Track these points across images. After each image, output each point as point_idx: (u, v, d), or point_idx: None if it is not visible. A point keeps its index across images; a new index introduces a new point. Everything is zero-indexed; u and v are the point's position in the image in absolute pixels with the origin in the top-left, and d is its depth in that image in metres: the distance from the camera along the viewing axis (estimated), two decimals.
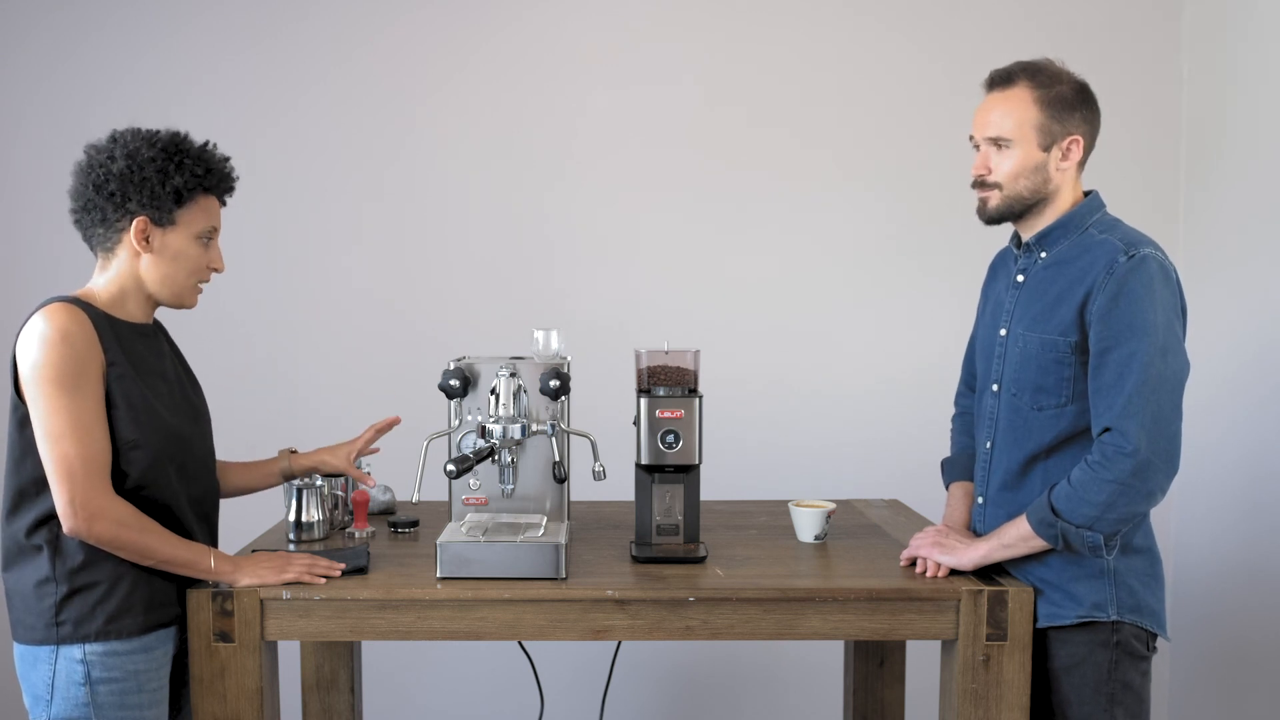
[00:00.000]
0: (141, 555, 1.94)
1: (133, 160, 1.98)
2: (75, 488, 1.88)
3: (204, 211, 2.04)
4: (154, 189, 1.98)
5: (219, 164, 2.06)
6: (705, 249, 3.52)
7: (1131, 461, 1.91)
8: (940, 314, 3.49)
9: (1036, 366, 2.06)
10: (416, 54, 3.48)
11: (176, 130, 2.07)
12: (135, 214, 1.98)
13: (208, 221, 2.05)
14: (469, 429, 2.32)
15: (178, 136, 2.04)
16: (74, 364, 1.89)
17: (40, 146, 3.46)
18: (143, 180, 1.97)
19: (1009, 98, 2.06)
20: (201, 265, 2.06)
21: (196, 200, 2.02)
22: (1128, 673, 2.04)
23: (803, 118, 3.50)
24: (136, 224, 1.98)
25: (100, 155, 2.01)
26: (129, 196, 1.98)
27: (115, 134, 2.04)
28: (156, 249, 2.01)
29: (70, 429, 1.88)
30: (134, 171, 1.97)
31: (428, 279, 3.52)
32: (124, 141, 2.01)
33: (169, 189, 1.98)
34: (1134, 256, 1.97)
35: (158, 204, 1.98)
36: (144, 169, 1.98)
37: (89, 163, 2.01)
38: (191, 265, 2.04)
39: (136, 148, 1.99)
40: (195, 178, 2.01)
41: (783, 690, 3.59)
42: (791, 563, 2.24)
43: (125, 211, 1.98)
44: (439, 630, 2.05)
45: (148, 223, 1.99)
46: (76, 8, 3.46)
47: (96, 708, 1.93)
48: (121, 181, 1.97)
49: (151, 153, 1.99)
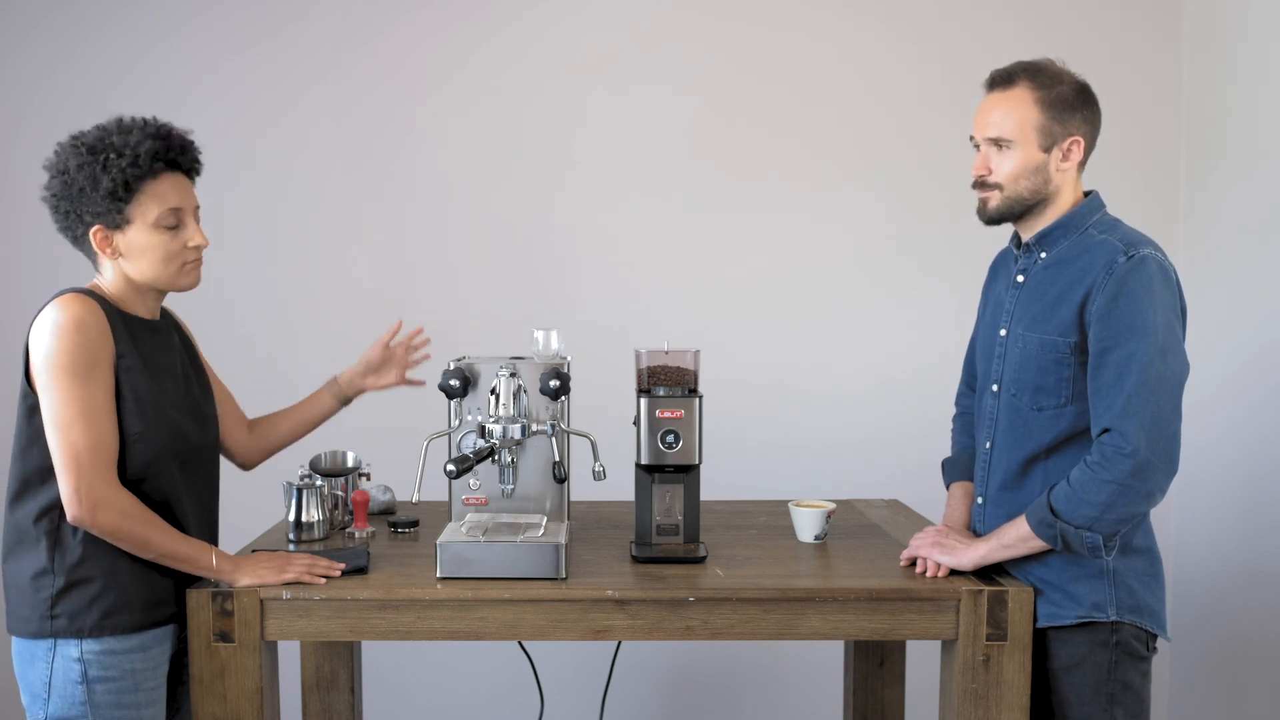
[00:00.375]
0: (142, 547, 1.94)
1: (65, 174, 1.95)
2: (81, 476, 1.88)
3: (154, 197, 1.96)
4: (91, 198, 1.94)
5: (147, 145, 1.96)
6: (705, 249, 3.52)
7: (1131, 462, 1.91)
8: (940, 314, 3.49)
9: (1036, 367, 2.06)
10: (417, 54, 3.48)
11: (111, 120, 1.99)
12: (90, 224, 1.96)
13: (161, 205, 1.97)
14: (469, 429, 2.32)
15: (104, 131, 1.97)
16: (87, 353, 1.89)
17: (40, 146, 3.44)
18: (79, 192, 1.94)
19: (1010, 98, 2.05)
20: (175, 249, 2.00)
21: (140, 190, 1.95)
22: (1127, 673, 2.04)
23: (802, 118, 3.50)
24: (94, 235, 1.96)
25: (48, 175, 1.99)
26: (78, 210, 1.95)
27: (56, 147, 2.00)
28: (124, 250, 1.98)
29: (79, 417, 1.88)
30: (68, 186, 1.95)
31: (428, 279, 3.52)
32: (59, 156, 1.98)
33: (102, 192, 1.93)
34: (1133, 257, 1.97)
35: (102, 210, 1.95)
36: (75, 180, 1.94)
37: (45, 184, 2.00)
38: (163, 254, 1.99)
39: (65, 161, 1.96)
40: (123, 171, 1.93)
41: (783, 690, 3.59)
42: (791, 563, 2.24)
43: (82, 224, 1.96)
44: (439, 630, 2.05)
45: (104, 229, 1.96)
46: (76, 7, 3.46)
47: (93, 707, 1.93)
48: (64, 199, 1.96)
49: (78, 160, 1.94)
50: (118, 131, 1.97)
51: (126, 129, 1.98)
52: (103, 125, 1.99)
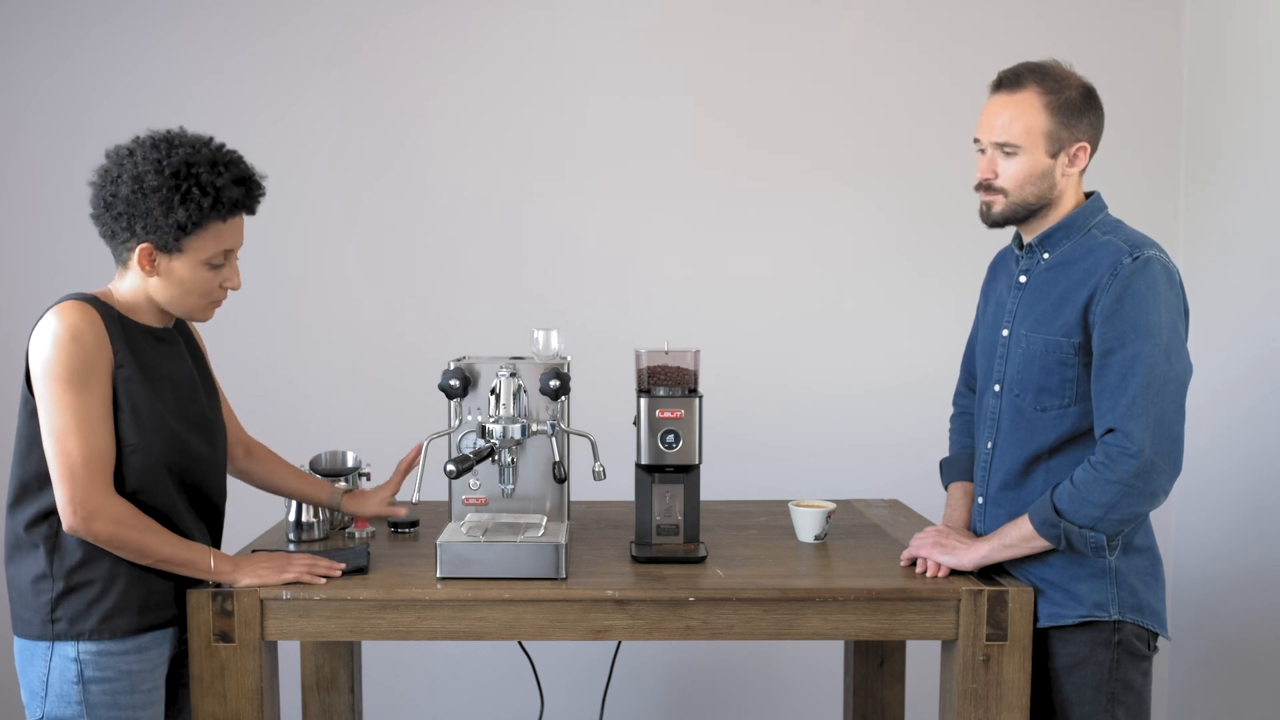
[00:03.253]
0: (140, 554, 1.94)
1: (139, 186, 1.91)
2: (76, 485, 1.88)
3: (214, 237, 1.96)
4: (157, 220, 1.92)
5: (232, 190, 1.95)
6: (706, 249, 3.52)
7: (1135, 462, 1.91)
8: (940, 314, 3.48)
9: (1040, 367, 2.06)
10: (417, 55, 3.48)
11: (198, 143, 1.96)
12: (140, 239, 1.94)
13: (218, 246, 1.97)
14: (469, 429, 2.32)
15: (193, 156, 1.94)
16: (82, 362, 1.89)
17: (40, 146, 3.46)
18: (146, 210, 1.91)
19: (1017, 102, 2.03)
20: (211, 288, 2.01)
21: (205, 228, 1.95)
22: (1129, 672, 2.04)
23: (803, 119, 3.50)
24: (141, 250, 1.95)
25: (113, 171, 1.95)
26: (134, 221, 1.93)
27: (134, 145, 1.96)
28: (163, 273, 1.97)
29: (75, 427, 1.88)
30: (138, 199, 1.91)
31: (428, 279, 3.52)
32: (137, 159, 1.93)
33: (172, 222, 1.92)
34: (1138, 258, 1.97)
35: (161, 233, 1.93)
36: (148, 198, 1.91)
37: (102, 176, 1.96)
38: (199, 289, 2.00)
39: (144, 172, 1.91)
40: (201, 211, 1.92)
41: (783, 690, 3.59)
42: (791, 563, 2.23)
43: (131, 234, 1.94)
44: (439, 630, 2.05)
45: (153, 249, 1.95)
46: (77, 7, 3.45)
47: (89, 707, 1.93)
48: (126, 206, 1.92)
49: (158, 180, 1.91)
50: (206, 165, 1.93)
51: (214, 163, 1.94)
52: (189, 145, 1.95)
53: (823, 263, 3.53)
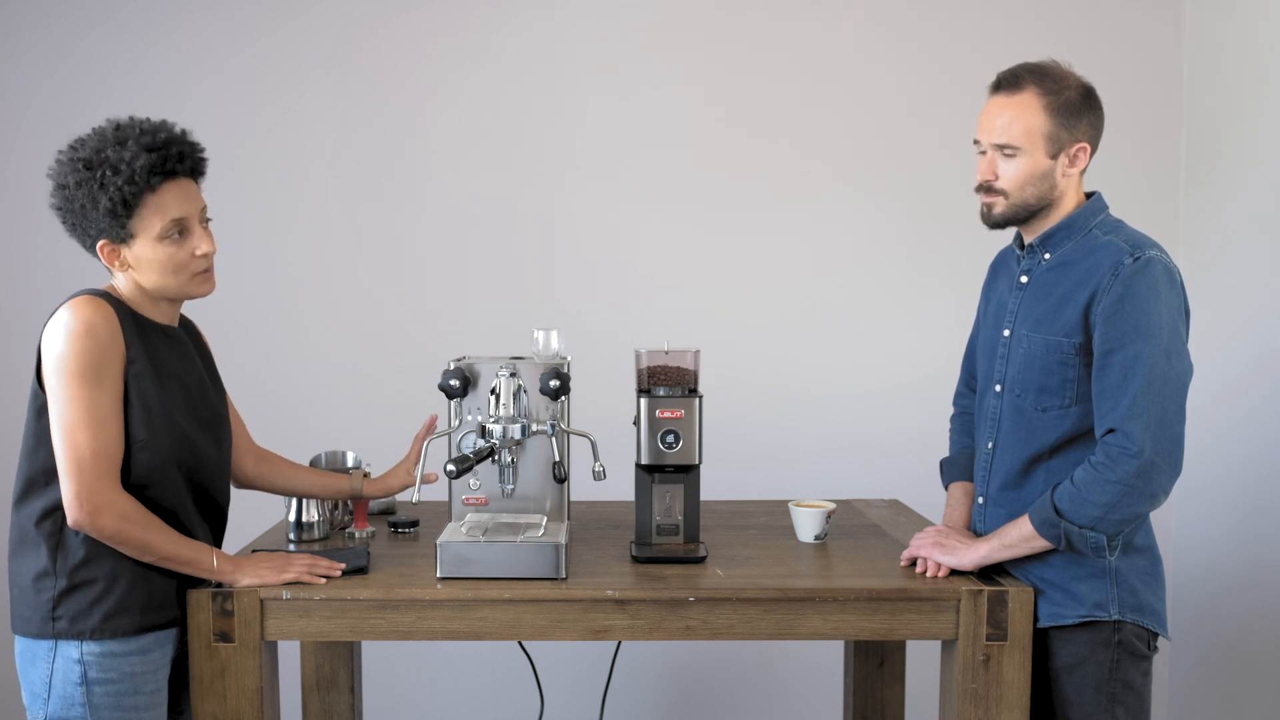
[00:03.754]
0: (143, 551, 1.93)
1: (65, 190, 1.92)
2: (83, 479, 1.88)
3: (156, 211, 1.93)
4: (92, 215, 1.91)
5: (146, 160, 1.90)
6: (706, 249, 3.52)
7: (1136, 462, 1.91)
8: (940, 315, 3.48)
9: (1041, 367, 2.06)
10: (417, 55, 3.48)
11: (106, 129, 1.94)
12: (96, 239, 1.94)
13: (163, 218, 1.93)
14: (469, 429, 2.32)
15: (100, 144, 1.91)
16: (96, 357, 1.89)
17: (40, 146, 3.44)
18: (81, 209, 1.91)
19: (1016, 103, 2.03)
20: (182, 259, 1.97)
21: (141, 204, 1.92)
22: (1129, 672, 2.04)
23: (803, 120, 3.50)
24: (100, 249, 1.95)
25: (52, 188, 1.96)
26: (82, 225, 1.93)
27: (57, 156, 1.96)
28: (132, 263, 1.97)
29: (85, 421, 1.88)
30: (70, 202, 1.92)
31: (428, 279, 3.52)
32: (60, 169, 1.94)
33: (103, 211, 1.90)
34: (1139, 259, 1.97)
35: (104, 226, 1.92)
36: (76, 197, 1.91)
37: (52, 197, 1.97)
38: (170, 264, 1.96)
39: (65, 176, 1.92)
40: (120, 190, 1.90)
41: (783, 690, 3.59)
42: (791, 563, 2.23)
43: (89, 238, 1.95)
44: (439, 630, 2.05)
45: (110, 244, 1.95)
46: (76, 7, 3.45)
47: (92, 709, 1.93)
48: (66, 214, 1.94)
49: (77, 177, 1.90)
50: (113, 144, 1.91)
51: (121, 140, 1.92)
52: (100, 134, 1.95)
53: (823, 263, 3.53)
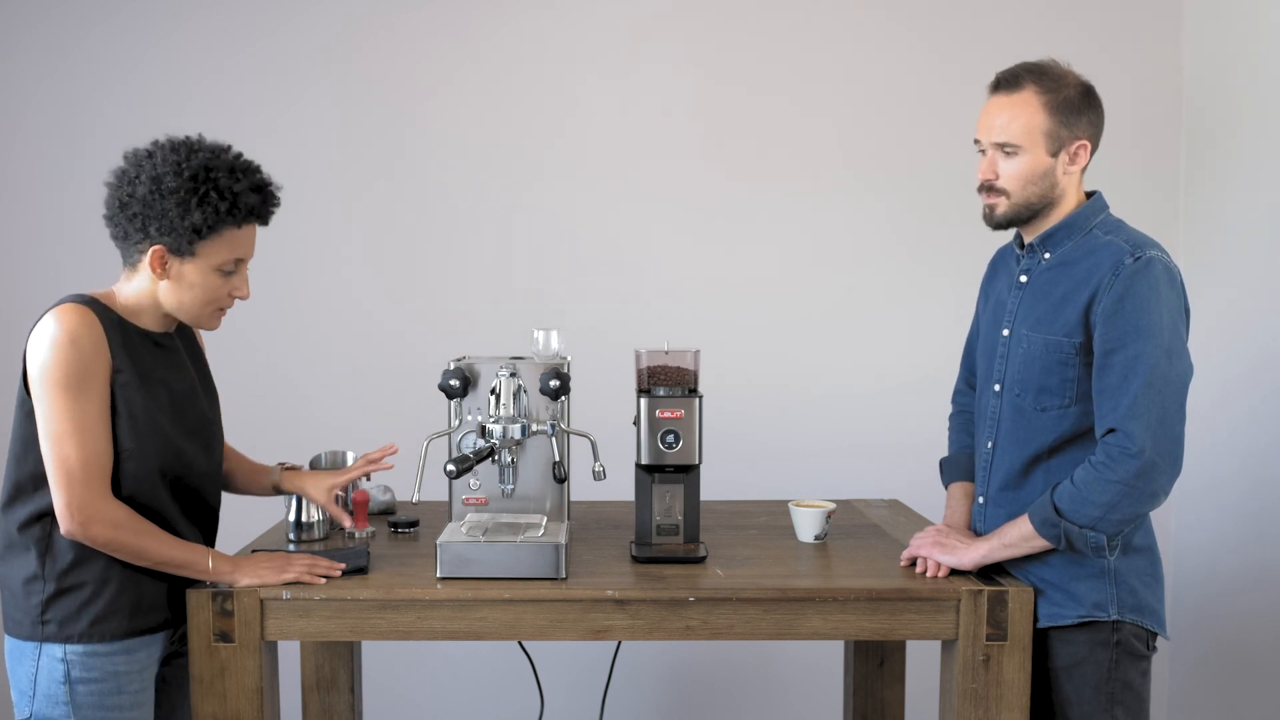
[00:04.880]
0: (138, 557, 1.94)
1: (156, 187, 1.91)
2: (73, 490, 1.88)
3: (228, 244, 1.97)
4: (173, 221, 1.91)
5: (249, 196, 1.96)
6: (706, 249, 3.52)
7: (1136, 463, 1.91)
8: (940, 314, 3.48)
9: (1040, 367, 2.06)
10: (417, 55, 3.48)
11: (218, 149, 1.97)
12: (154, 240, 1.94)
13: (231, 254, 1.98)
14: (469, 429, 2.32)
15: (213, 160, 1.94)
16: (79, 367, 1.88)
17: (40, 146, 3.46)
18: (163, 211, 1.91)
19: (1015, 102, 2.03)
20: (220, 295, 2.00)
21: (220, 233, 1.95)
22: (1128, 672, 2.04)
23: (803, 119, 3.50)
24: (153, 252, 1.94)
25: (131, 171, 1.95)
26: (149, 222, 1.93)
27: (154, 147, 1.96)
28: (174, 276, 1.97)
29: (72, 431, 1.88)
30: (155, 200, 1.91)
31: (428, 279, 3.52)
32: (156, 161, 1.94)
33: (188, 224, 1.91)
34: (1140, 259, 1.97)
35: (176, 235, 1.93)
36: (165, 199, 1.91)
37: (119, 177, 1.96)
38: (209, 296, 1.99)
39: (163, 173, 1.92)
40: (217, 215, 1.92)
41: (783, 690, 3.59)
42: (791, 563, 2.23)
43: (145, 235, 1.94)
44: (439, 630, 2.05)
45: (165, 251, 1.95)
46: (76, 7, 3.45)
47: (75, 707, 1.93)
48: (143, 206, 1.92)
49: (176, 182, 1.91)
50: (225, 170, 1.94)
51: (233, 169, 1.95)
52: (209, 150, 1.96)
53: (823, 262, 3.53)
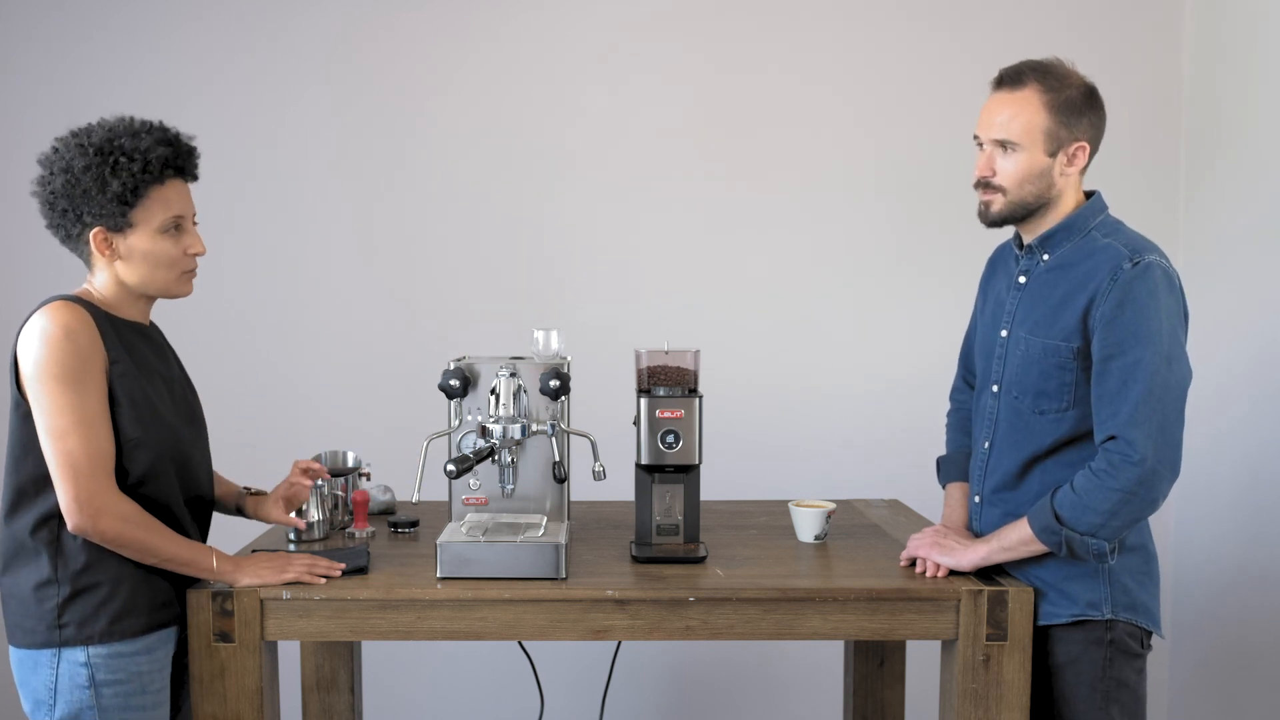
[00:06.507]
0: (144, 553, 1.93)
1: (69, 174, 1.92)
2: (80, 484, 1.87)
3: (160, 203, 1.96)
4: (95, 198, 1.92)
5: (158, 151, 1.95)
6: (705, 249, 3.52)
7: (1138, 470, 1.91)
8: (940, 314, 3.48)
9: (1038, 371, 2.06)
10: (417, 54, 3.48)
11: (115, 121, 1.97)
12: (90, 226, 1.94)
13: (167, 212, 1.97)
14: (469, 429, 2.32)
15: (112, 131, 1.95)
16: (77, 360, 1.88)
17: (40, 147, 3.45)
18: (84, 192, 1.92)
19: (1017, 99, 2.03)
20: (176, 256, 1.99)
21: (148, 195, 1.94)
22: (1123, 670, 2.04)
23: (803, 119, 3.50)
24: (94, 236, 1.95)
25: (45, 171, 1.96)
26: (80, 210, 1.93)
27: (56, 142, 1.98)
28: (124, 254, 1.97)
29: (75, 425, 1.87)
30: (73, 185, 1.92)
31: (428, 279, 3.52)
32: (61, 153, 1.95)
33: (110, 195, 1.92)
34: (1138, 263, 1.96)
35: (106, 212, 1.93)
36: (81, 180, 1.92)
37: (39, 182, 1.97)
38: (165, 260, 1.98)
39: (70, 159, 1.93)
40: (133, 176, 1.92)
41: (783, 690, 3.59)
42: (791, 563, 2.24)
43: (82, 225, 1.94)
44: (439, 630, 2.05)
45: (105, 231, 1.95)
46: (77, 7, 3.45)
47: (101, 710, 1.92)
48: (66, 198, 1.93)
49: (85, 161, 1.92)
50: (127, 134, 1.95)
51: (135, 132, 1.96)
52: (108, 125, 1.97)
53: (823, 263, 3.53)
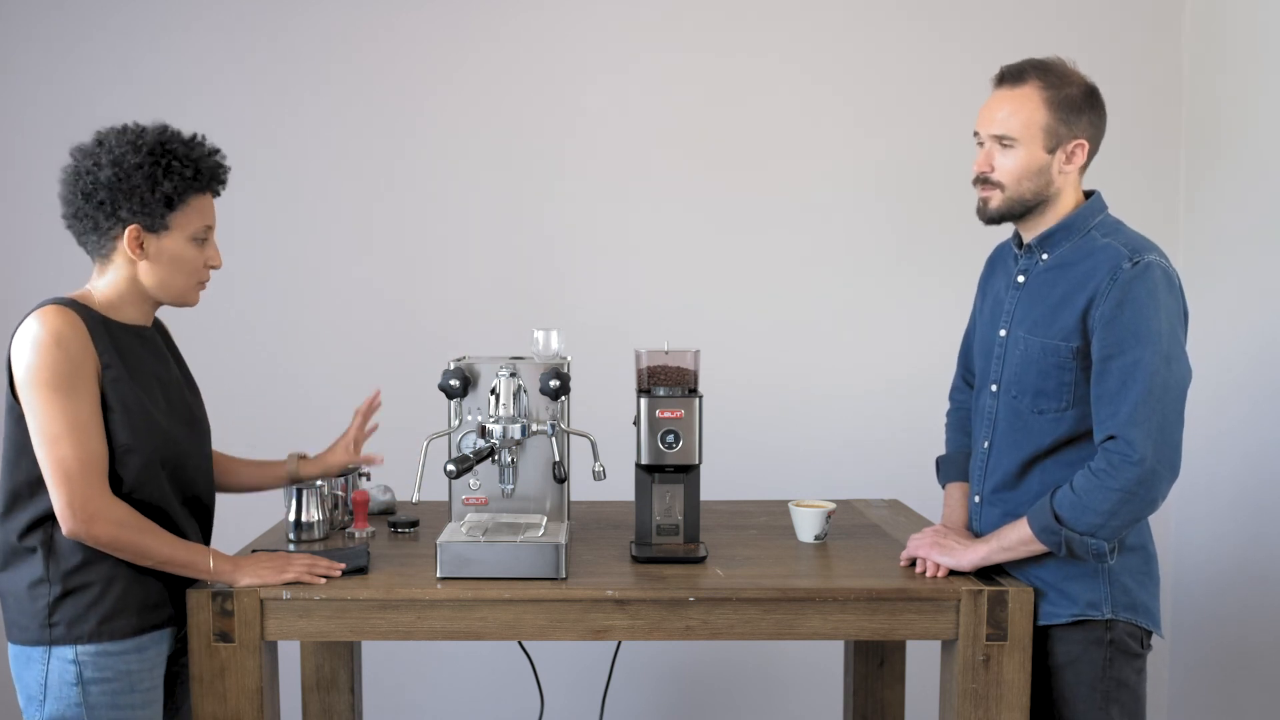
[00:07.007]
0: (140, 556, 1.94)
1: (119, 167, 1.93)
2: (73, 490, 1.87)
3: (198, 212, 2.01)
4: (144, 196, 1.94)
5: (208, 161, 2.01)
6: (705, 249, 3.52)
7: (1138, 470, 1.91)
8: (940, 314, 3.48)
9: (1037, 370, 2.06)
10: (417, 54, 3.48)
11: (163, 126, 2.01)
12: (127, 222, 1.95)
13: (202, 221, 2.01)
14: (469, 429, 2.32)
15: (164, 135, 1.99)
16: (68, 366, 1.88)
17: (40, 147, 3.45)
18: (132, 189, 1.93)
19: (1017, 96, 2.04)
20: (199, 265, 2.03)
21: (189, 202, 1.99)
22: (1122, 670, 2.04)
23: (803, 119, 3.50)
24: (129, 232, 1.95)
25: (87, 162, 1.96)
26: (119, 205, 1.94)
27: (100, 136, 1.99)
28: (152, 255, 1.98)
29: (67, 431, 1.87)
30: (122, 179, 1.93)
31: (428, 279, 3.52)
32: (109, 146, 1.96)
33: (159, 195, 1.94)
34: (1138, 263, 1.96)
35: (149, 211, 1.95)
36: (131, 176, 1.93)
37: (76, 170, 1.97)
38: (189, 267, 2.02)
39: (123, 154, 1.94)
40: (185, 180, 1.96)
41: (783, 690, 3.59)
42: (791, 563, 2.23)
43: (117, 220, 1.95)
44: (439, 630, 2.05)
45: (140, 230, 1.96)
46: (77, 8, 3.45)
47: (89, 708, 1.93)
48: (110, 190, 1.93)
49: (138, 158, 1.94)
50: (180, 141, 1.99)
51: (188, 140, 2.01)
52: (158, 129, 2.00)
53: (823, 262, 3.53)
